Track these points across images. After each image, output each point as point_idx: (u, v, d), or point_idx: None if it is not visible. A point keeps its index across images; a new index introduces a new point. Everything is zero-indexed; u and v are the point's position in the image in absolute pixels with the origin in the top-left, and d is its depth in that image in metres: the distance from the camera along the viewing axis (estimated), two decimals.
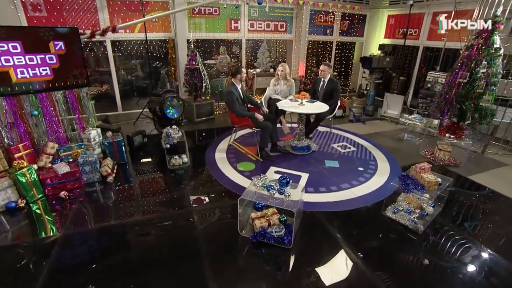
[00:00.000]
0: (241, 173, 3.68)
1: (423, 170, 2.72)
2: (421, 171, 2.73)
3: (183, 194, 3.24)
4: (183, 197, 3.18)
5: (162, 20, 5.78)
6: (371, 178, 3.63)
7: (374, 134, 5.26)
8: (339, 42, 7.67)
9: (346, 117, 6.18)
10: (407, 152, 4.53)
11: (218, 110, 6.11)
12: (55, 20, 5.02)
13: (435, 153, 4.21)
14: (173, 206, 3.04)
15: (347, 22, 7.46)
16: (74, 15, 5.09)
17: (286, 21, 6.86)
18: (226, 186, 3.39)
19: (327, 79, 4.54)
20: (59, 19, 5.02)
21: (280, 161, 4.03)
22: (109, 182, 3.44)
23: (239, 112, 3.80)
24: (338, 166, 3.91)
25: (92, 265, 2.22)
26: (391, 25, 7.25)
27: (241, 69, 3.78)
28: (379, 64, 6.05)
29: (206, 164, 3.94)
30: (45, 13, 4.99)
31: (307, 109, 4.02)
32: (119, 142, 3.84)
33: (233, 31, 6.44)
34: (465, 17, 5.41)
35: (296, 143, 4.27)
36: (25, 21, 4.87)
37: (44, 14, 4.99)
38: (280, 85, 4.78)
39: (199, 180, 3.60)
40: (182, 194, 3.26)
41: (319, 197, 3.18)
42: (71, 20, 5.07)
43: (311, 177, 3.60)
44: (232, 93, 3.73)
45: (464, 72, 3.49)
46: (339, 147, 4.59)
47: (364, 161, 4.12)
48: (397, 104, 5.83)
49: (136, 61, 7.92)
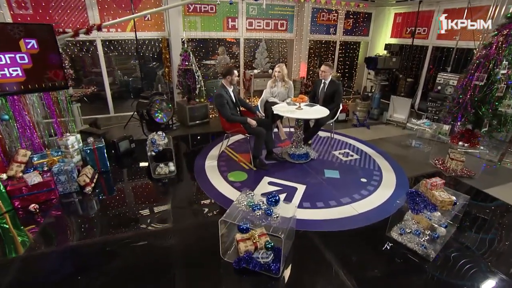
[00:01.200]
0: (231, 184, 3.36)
1: (434, 186, 2.35)
2: (432, 188, 2.36)
3: (164, 209, 2.93)
4: (164, 212, 2.87)
5: (155, 19, 5.50)
6: (375, 191, 3.27)
7: (379, 140, 4.88)
8: (342, 41, 7.30)
9: (349, 121, 5.81)
10: (415, 160, 4.15)
11: (213, 113, 5.80)
12: (41, 18, 4.77)
13: (446, 163, 3.82)
14: (151, 222, 2.73)
15: (352, 20, 7.09)
16: (61, 12, 4.84)
17: (287, 20, 6.52)
18: (213, 199, 3.07)
19: (328, 80, 4.19)
20: (45, 17, 4.77)
21: (275, 170, 3.70)
22: (87, 193, 3.16)
23: (229, 117, 3.47)
24: (339, 177, 3.56)
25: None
26: (398, 24, 6.86)
27: (233, 70, 3.46)
28: (385, 65, 5.67)
29: (195, 173, 3.62)
30: (30, 10, 4.75)
31: (305, 113, 3.67)
32: (100, 149, 3.55)
33: (231, 30, 6.13)
34: (480, 13, 5.02)
35: (294, 151, 3.93)
36: (9, 18, 4.63)
37: (30, 12, 4.75)
38: (277, 87, 4.45)
39: (184, 192, 3.28)
40: (164, 208, 2.94)
41: (315, 213, 2.84)
42: (58, 18, 4.81)
43: (308, 189, 3.26)
44: (222, 96, 3.41)
45: (481, 74, 3.11)
46: (341, 154, 4.23)
47: (368, 171, 3.75)
48: (404, 108, 5.44)
49: (136, 62, 7.67)
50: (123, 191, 3.29)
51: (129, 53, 6.60)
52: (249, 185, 3.34)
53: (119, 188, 3.36)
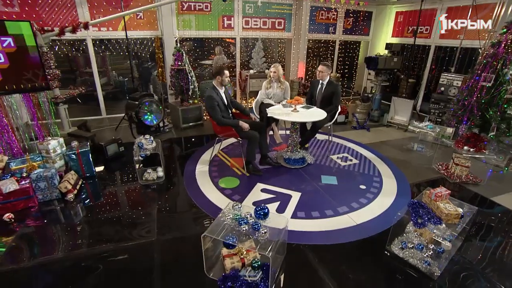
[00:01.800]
0: (221, 191, 3.16)
1: (439, 197, 2.15)
2: (436, 199, 2.16)
3: (149, 219, 2.74)
4: (148, 223, 2.67)
5: (148, 17, 5.32)
6: (375, 199, 3.06)
7: (380, 144, 4.68)
8: (342, 41, 7.10)
9: (349, 123, 5.61)
10: (417, 165, 3.94)
11: (207, 115, 5.59)
12: (27, 16, 4.60)
13: (450, 168, 3.62)
14: (134, 234, 2.54)
15: (351, 19, 6.88)
16: (48, 10, 4.66)
17: (284, 18, 6.32)
18: (202, 208, 2.87)
19: (326, 81, 3.99)
20: (32, 14, 4.60)
21: (269, 176, 3.50)
22: (68, 200, 2.97)
23: (220, 120, 3.28)
24: (337, 183, 3.36)
25: None
26: (400, 23, 6.66)
27: (223, 70, 3.26)
28: (386, 65, 5.47)
29: (184, 179, 3.43)
30: (17, 8, 4.57)
31: (301, 116, 3.48)
32: (85, 153, 3.36)
33: (226, 29, 5.94)
34: (486, 11, 4.81)
35: (289, 155, 3.73)
36: None
37: (16, 9, 4.57)
38: (273, 88, 4.25)
39: (171, 200, 3.09)
40: (148, 218, 2.75)
41: (310, 224, 2.64)
42: (45, 16, 4.64)
43: (303, 197, 3.06)
44: (212, 98, 3.21)
45: (489, 74, 2.90)
46: (339, 159, 4.02)
47: (367, 177, 3.55)
48: (406, 110, 5.24)
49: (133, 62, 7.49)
50: (107, 198, 3.10)
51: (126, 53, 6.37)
52: (241, 192, 3.15)
53: (103, 194, 3.17)
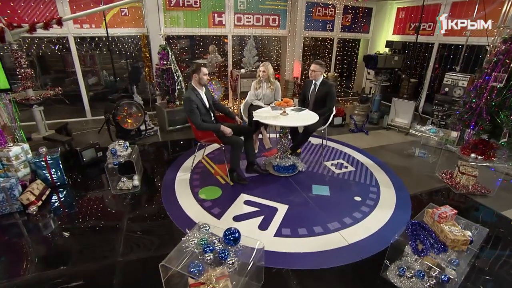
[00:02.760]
0: (201, 203, 2.86)
1: (444, 218, 1.83)
2: (440, 220, 1.83)
3: (115, 235, 2.44)
4: (114, 240, 2.37)
5: (132, 13, 5.03)
6: (371, 213, 2.74)
7: (379, 148, 4.35)
8: (341, 39, 6.76)
9: (346, 125, 5.28)
10: (418, 173, 3.61)
11: None
12: (1, 11, 4.31)
13: (455, 177, 3.29)
14: (95, 254, 2.24)
15: (350, 16, 6.55)
16: (23, 5, 4.38)
17: (279, 15, 6.00)
18: (176, 224, 2.57)
19: (319, 81, 3.67)
20: (6, 10, 4.31)
21: (255, 185, 3.19)
22: (31, 213, 2.69)
23: (200, 124, 2.97)
24: (329, 194, 3.04)
25: None
26: (401, 19, 6.31)
27: (200, 67, 2.95)
28: (386, 63, 5.13)
29: (162, 188, 3.13)
30: None
31: (290, 120, 3.16)
32: (54, 160, 3.07)
33: (217, 26, 5.63)
34: (494, 5, 4.46)
35: (278, 162, 3.42)
36: None
37: None
38: (262, 88, 3.94)
39: (144, 213, 2.78)
40: (115, 234, 2.45)
41: (295, 244, 2.32)
42: (20, 12, 4.36)
43: (290, 211, 2.74)
44: (191, 101, 2.91)
45: (500, 73, 2.57)
46: (334, 166, 3.70)
47: (363, 186, 3.23)
48: (407, 112, 4.90)
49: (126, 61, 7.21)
50: (73, 211, 2.80)
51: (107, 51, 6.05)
52: (222, 204, 2.84)
53: (71, 206, 2.88)
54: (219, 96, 5.15)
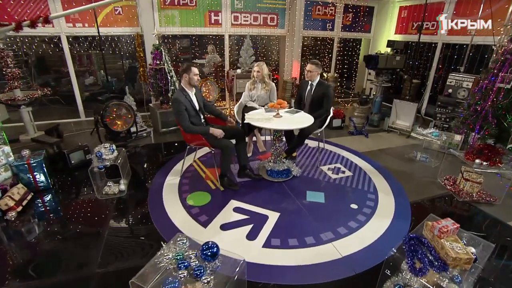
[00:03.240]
0: (188, 210, 2.72)
1: (445, 233, 1.66)
2: (441, 235, 1.67)
3: (95, 244, 2.30)
4: (93, 249, 2.24)
5: (126, 12, 4.91)
6: (367, 222, 2.57)
7: (378, 152, 4.17)
8: (341, 38, 6.59)
9: (345, 128, 5.11)
10: (419, 179, 3.44)
11: None
12: None
13: (459, 183, 3.10)
14: (71, 265, 2.11)
15: (351, 15, 6.37)
16: (13, 3, 4.27)
17: (277, 14, 5.85)
18: (160, 232, 2.42)
19: (315, 82, 3.52)
20: None
21: (246, 191, 3.05)
22: (9, 219, 2.57)
23: (188, 126, 2.83)
24: (324, 202, 2.88)
25: None
26: (403, 19, 6.12)
27: (190, 67, 2.81)
28: (387, 64, 4.95)
29: (149, 193, 3.00)
30: None
31: (284, 123, 3.01)
32: (38, 163, 2.95)
33: (213, 25, 5.50)
34: (502, 3, 4.27)
35: (272, 166, 3.27)
36: None
37: None
38: (256, 89, 3.79)
39: (127, 220, 2.65)
40: (94, 243, 2.31)
41: (285, 256, 2.17)
42: (11, 10, 4.26)
43: (282, 219, 2.59)
44: (179, 102, 2.77)
45: (508, 74, 2.39)
46: (330, 170, 3.54)
47: (361, 193, 3.06)
48: (409, 114, 4.71)
49: (126, 61, 7.11)
50: (55, 217, 2.68)
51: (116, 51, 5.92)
52: (210, 211, 2.70)
53: (52, 212, 2.76)
54: (214, 97, 5.01)
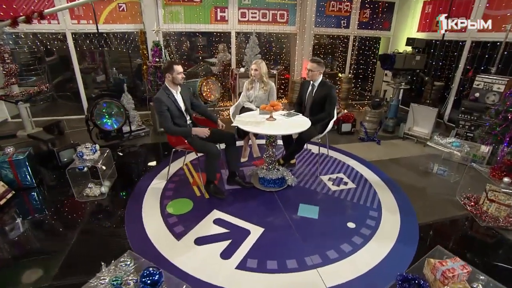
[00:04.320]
0: (165, 219, 2.50)
1: (449, 279, 1.28)
2: (444, 281, 1.30)
3: (58, 252, 2.14)
4: (55, 258, 2.07)
5: (130, 9, 4.84)
6: (363, 246, 2.21)
7: (389, 162, 3.74)
8: (357, 36, 6.13)
9: (356, 133, 4.69)
10: (434, 195, 2.99)
11: None
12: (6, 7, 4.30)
13: (482, 204, 2.63)
14: (27, 275, 1.95)
15: (369, 11, 5.90)
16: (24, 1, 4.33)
17: (288, 10, 5.53)
18: (131, 243, 2.22)
19: (317, 82, 3.17)
20: (1, 5, 4.27)
21: (233, 200, 2.78)
22: None
23: (169, 127, 2.62)
24: (317, 218, 2.54)
25: None
26: (427, 14, 5.55)
27: (173, 66, 2.59)
28: (406, 64, 4.47)
29: (130, 198, 2.82)
30: None
31: (276, 127, 2.70)
32: (20, 161, 2.88)
33: (219, 22, 5.30)
34: None
35: (265, 174, 2.97)
36: None
37: None
38: (254, 89, 3.51)
39: (100, 227, 2.47)
40: (58, 251, 2.15)
41: (259, 281, 1.88)
42: (16, 6, 4.30)
43: (265, 235, 2.29)
44: (161, 102, 2.56)
45: None
46: (331, 181, 3.18)
47: (362, 209, 2.68)
48: (428, 120, 4.21)
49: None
50: (28, 218, 2.58)
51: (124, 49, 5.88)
52: (188, 221, 2.46)
53: (27, 213, 2.66)
54: (216, 97, 4.79)
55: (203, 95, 4.62)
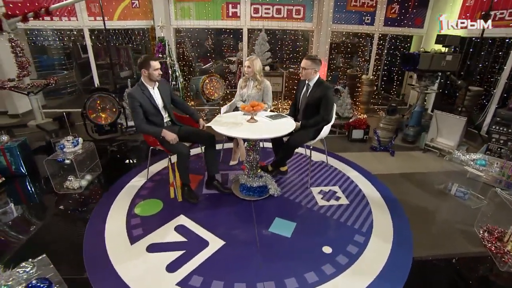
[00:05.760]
0: (129, 220, 2.37)
1: None
2: None
3: (5, 249, 2.12)
4: (4, 252, 2.06)
5: (142, 5, 4.89)
6: (333, 278, 1.84)
7: (400, 177, 3.22)
8: (384, 34, 5.53)
9: (370, 141, 4.18)
10: (445, 223, 2.47)
11: None
12: (31, 5, 4.61)
13: (506, 242, 2.08)
14: None
15: (397, 6, 5.27)
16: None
17: (304, 5, 5.17)
18: (84, 244, 2.12)
19: (312, 82, 2.82)
20: (35, 3, 4.58)
21: (205, 206, 2.58)
22: None
23: (139, 125, 2.49)
24: (289, 236, 2.21)
25: None
26: (468, 8, 4.78)
27: (149, 61, 2.44)
28: (433, 65, 3.85)
29: (104, 195, 2.76)
30: None
31: (253, 130, 2.43)
32: (11, 150, 2.99)
33: (231, 18, 5.13)
34: None
35: (245, 181, 2.72)
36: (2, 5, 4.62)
37: None
38: (248, 87, 3.26)
39: (62, 224, 2.43)
40: (5, 248, 2.14)
41: None
42: (46, 5, 4.57)
43: (223, 250, 2.05)
44: (133, 98, 2.43)
45: None
46: (322, 194, 2.81)
47: (347, 231, 2.29)
48: (455, 130, 3.58)
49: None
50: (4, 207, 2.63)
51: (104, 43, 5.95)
52: (150, 224, 2.31)
53: (6, 201, 2.71)
54: (220, 95, 4.63)
55: (205, 93, 4.49)
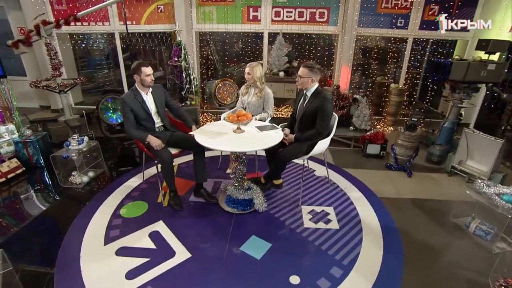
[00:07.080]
0: (112, 219, 2.46)
1: None
2: None
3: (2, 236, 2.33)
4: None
5: (167, 10, 5.09)
6: None
7: (411, 203, 2.82)
8: (419, 39, 4.96)
9: (387, 157, 3.77)
10: (450, 268, 2.07)
11: (205, 118, 4.93)
12: (71, 12, 5.11)
13: None
14: None
15: (437, 7, 4.67)
16: (85, 6, 5.07)
17: (329, 8, 4.87)
18: (65, 239, 2.25)
19: (310, 92, 2.61)
20: (74, 10, 5.08)
21: (187, 214, 2.56)
22: None
23: (127, 129, 2.55)
24: (259, 259, 2.06)
25: None
26: None
27: (141, 67, 2.48)
28: (469, 75, 3.31)
29: (100, 192, 2.91)
30: (65, 6, 5.19)
31: (234, 142, 2.32)
32: (32, 143, 3.33)
33: (252, 21, 5.07)
34: None
35: (232, 192, 2.63)
36: (51, 13, 5.23)
37: (64, 7, 5.20)
38: (249, 95, 3.17)
39: (54, 218, 2.60)
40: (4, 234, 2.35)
41: None
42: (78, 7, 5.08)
43: (185, 264, 1.99)
44: (124, 103, 2.50)
45: None
46: (312, 214, 2.58)
47: (325, 261, 2.05)
48: (489, 153, 3.02)
49: None
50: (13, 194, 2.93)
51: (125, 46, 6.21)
52: (128, 227, 2.36)
53: (17, 193, 3.01)
54: (232, 100, 4.60)
55: (217, 97, 4.50)
